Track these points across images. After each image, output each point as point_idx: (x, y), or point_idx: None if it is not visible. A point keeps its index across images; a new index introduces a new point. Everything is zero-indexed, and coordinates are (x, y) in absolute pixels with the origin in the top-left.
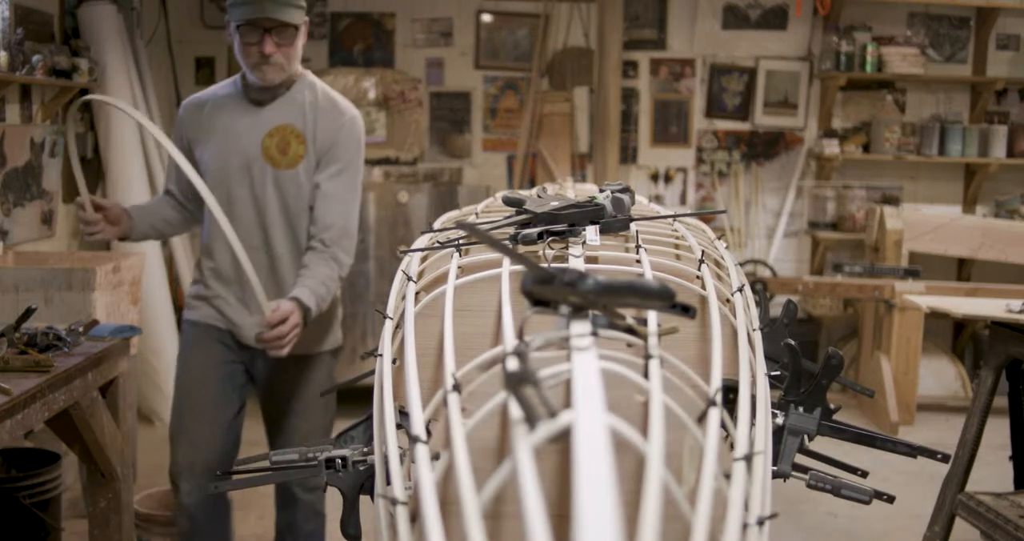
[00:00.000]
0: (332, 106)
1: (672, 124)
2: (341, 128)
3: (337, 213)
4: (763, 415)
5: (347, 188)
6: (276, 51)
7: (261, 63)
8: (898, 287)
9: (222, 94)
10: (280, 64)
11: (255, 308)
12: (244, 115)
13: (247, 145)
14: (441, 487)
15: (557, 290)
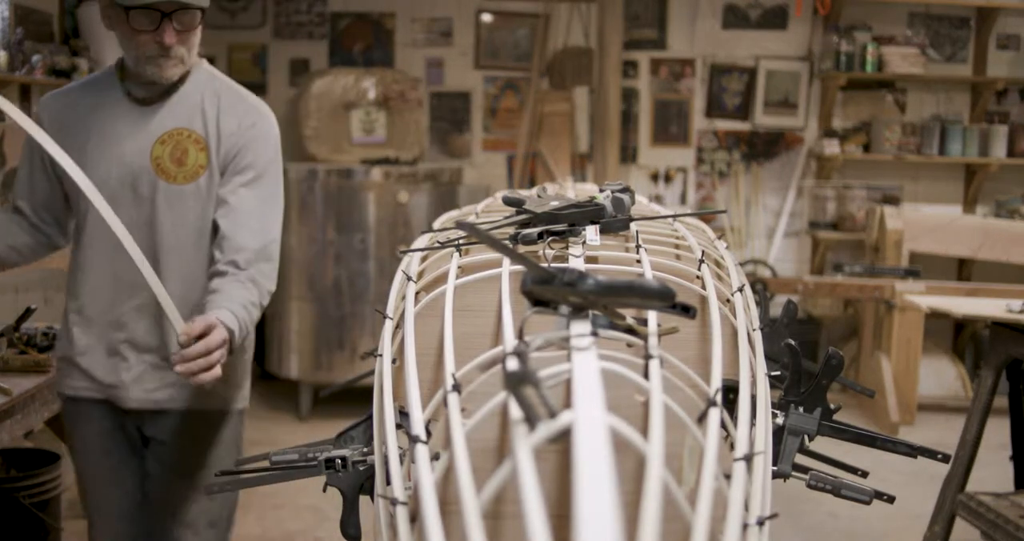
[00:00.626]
0: (238, 102)
1: (672, 124)
2: (251, 127)
3: (251, 231)
4: (763, 415)
5: (263, 200)
6: (176, 41)
7: (159, 56)
8: (898, 287)
9: (96, 91)
10: (181, 56)
11: (136, 358)
12: (127, 118)
13: (132, 155)
14: (441, 487)
15: (557, 290)
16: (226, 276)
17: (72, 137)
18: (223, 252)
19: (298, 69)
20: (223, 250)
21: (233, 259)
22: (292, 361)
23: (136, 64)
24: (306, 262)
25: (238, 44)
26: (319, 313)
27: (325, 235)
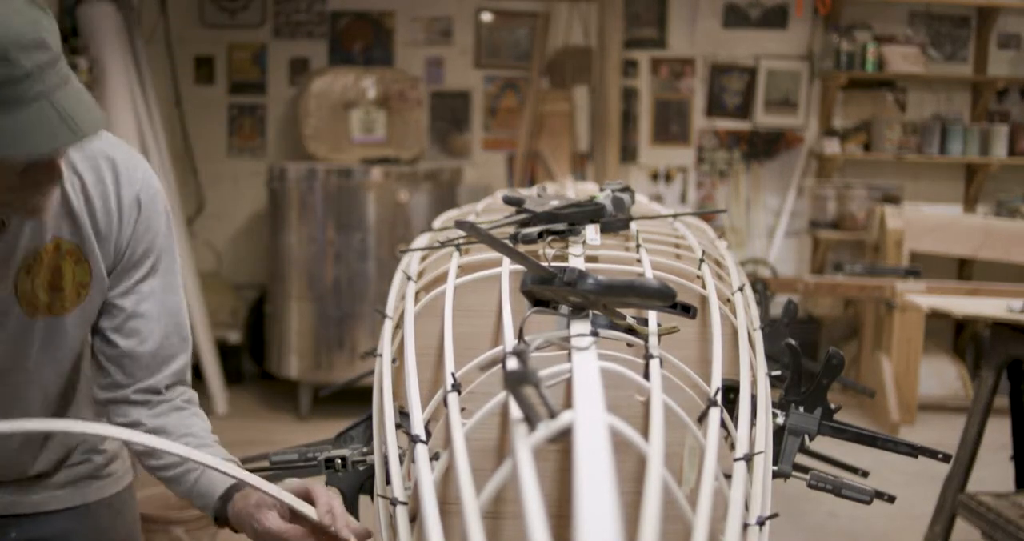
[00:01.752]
0: (115, 182)
1: (672, 123)
2: (135, 206)
3: (171, 337)
4: (764, 415)
5: (168, 289)
6: (55, 185)
7: (35, 210)
8: (899, 287)
9: None
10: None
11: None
12: None
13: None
14: (440, 487)
15: (557, 289)
16: (166, 405)
17: None
18: (141, 370)
19: (298, 68)
20: (139, 367)
21: (163, 384)
22: (291, 361)
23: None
24: (306, 262)
25: (237, 43)
26: (319, 313)
27: (325, 235)
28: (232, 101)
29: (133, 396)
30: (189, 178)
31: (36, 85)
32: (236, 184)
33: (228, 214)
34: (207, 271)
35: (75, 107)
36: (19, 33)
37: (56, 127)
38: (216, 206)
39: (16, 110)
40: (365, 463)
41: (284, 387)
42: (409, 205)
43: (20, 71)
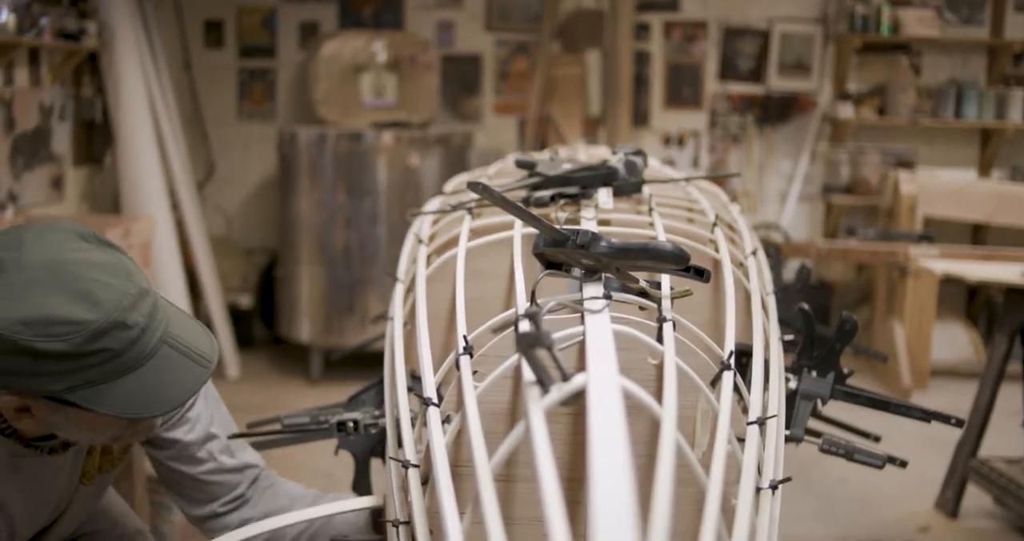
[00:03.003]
0: None
1: (685, 87)
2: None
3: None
4: (776, 379)
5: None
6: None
7: (144, 431)
8: (912, 252)
9: (9, 487)
10: None
11: None
12: (57, 468)
13: (67, 494)
14: (452, 450)
15: (570, 252)
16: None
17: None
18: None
19: (307, 32)
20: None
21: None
22: (302, 325)
23: (102, 444)
24: (316, 226)
25: (247, 7)
26: (329, 277)
27: (335, 199)
28: (242, 65)
29: (220, 509)
30: (199, 142)
31: (152, 334)
32: (246, 148)
33: (238, 178)
34: (218, 236)
35: (187, 335)
36: (119, 297)
37: (184, 368)
38: (226, 170)
39: (143, 368)
40: (377, 426)
41: (295, 351)
42: (420, 169)
43: (135, 332)
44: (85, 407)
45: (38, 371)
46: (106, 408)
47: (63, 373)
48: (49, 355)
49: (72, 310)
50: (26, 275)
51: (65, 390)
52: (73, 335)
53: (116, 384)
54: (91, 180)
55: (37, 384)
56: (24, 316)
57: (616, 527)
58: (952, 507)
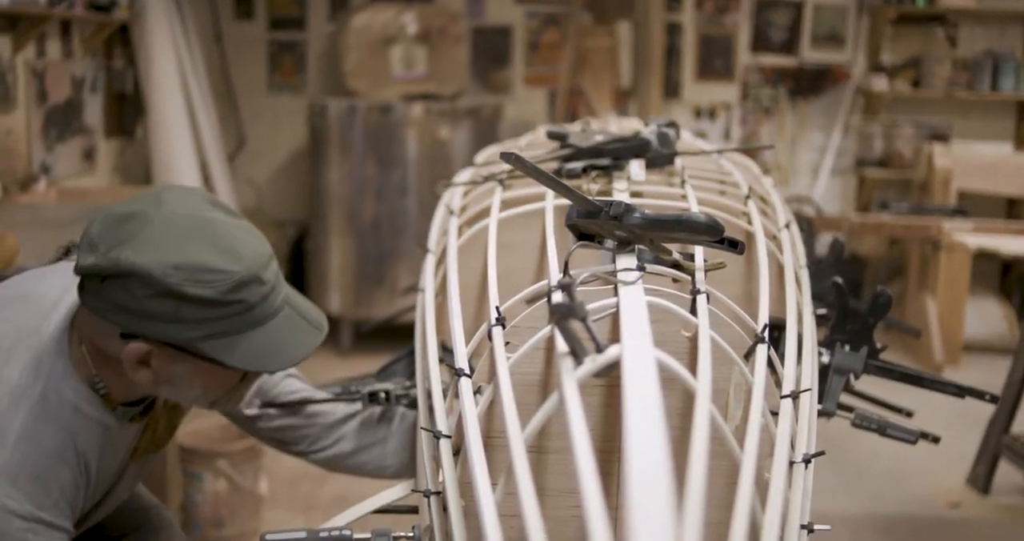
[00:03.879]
0: None
1: (717, 59)
2: None
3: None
4: (810, 353)
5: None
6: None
7: (237, 402)
8: (946, 226)
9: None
10: None
11: None
12: (125, 439)
13: (122, 466)
14: (484, 421)
15: (603, 224)
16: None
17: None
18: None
19: (337, 4)
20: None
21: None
22: (332, 297)
23: (202, 407)
24: (346, 198)
25: None
26: (359, 249)
27: (365, 171)
28: (272, 37)
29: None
30: (230, 115)
31: (277, 295)
32: (276, 120)
33: (269, 150)
34: (248, 207)
35: (303, 303)
36: (257, 253)
37: (303, 330)
38: (257, 143)
39: (269, 325)
40: (408, 397)
41: None
42: (450, 141)
43: (267, 288)
44: (213, 359)
45: (179, 317)
46: (235, 360)
47: (202, 321)
48: (194, 300)
49: (218, 260)
50: (173, 228)
51: (201, 338)
52: (218, 283)
53: (245, 337)
54: (122, 152)
55: (174, 331)
56: (175, 262)
57: (652, 498)
58: (984, 483)
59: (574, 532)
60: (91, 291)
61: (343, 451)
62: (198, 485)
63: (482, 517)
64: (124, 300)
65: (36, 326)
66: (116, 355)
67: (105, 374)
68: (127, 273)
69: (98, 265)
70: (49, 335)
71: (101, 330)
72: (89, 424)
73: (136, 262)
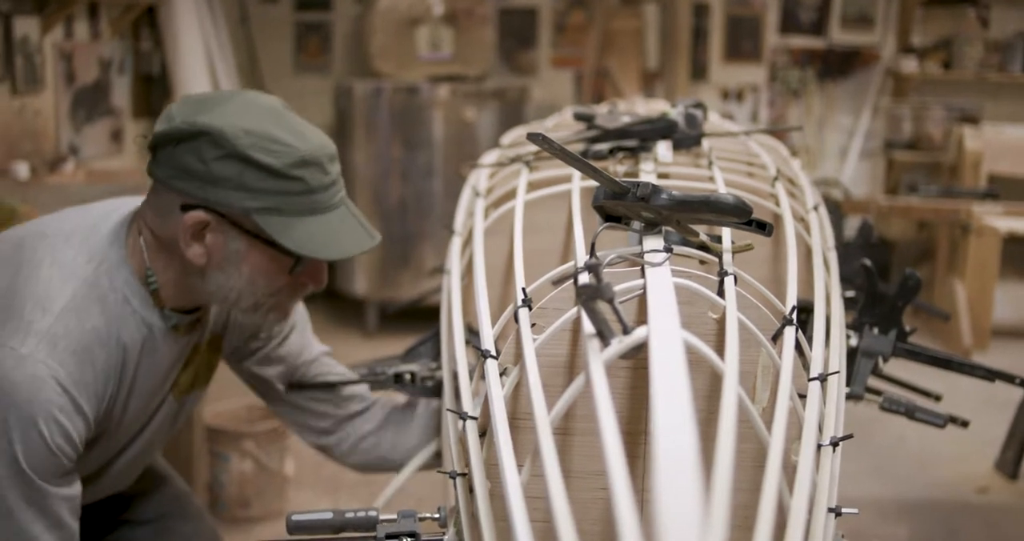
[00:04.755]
0: None
1: (744, 40)
2: None
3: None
4: (837, 335)
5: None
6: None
7: (290, 301)
8: (976, 209)
9: (131, 332)
10: None
11: None
12: (169, 354)
13: (159, 393)
14: (510, 402)
15: (630, 205)
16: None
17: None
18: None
19: None
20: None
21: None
22: (358, 278)
23: (246, 310)
24: (371, 180)
25: None
26: (384, 230)
27: (391, 152)
28: (298, 18)
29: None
30: None
31: (339, 192)
32: (302, 102)
33: None
34: None
35: (359, 212)
36: (323, 145)
37: (358, 231)
38: None
39: (327, 215)
40: (434, 379)
41: (351, 305)
42: (475, 123)
43: (329, 179)
44: (267, 239)
45: (242, 183)
46: (289, 241)
47: (263, 192)
48: (259, 167)
49: (287, 136)
50: (250, 106)
51: (258, 210)
52: (284, 154)
53: (301, 221)
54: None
55: (235, 198)
56: (247, 127)
57: (680, 479)
58: (1012, 468)
59: (600, 514)
60: (162, 160)
61: (364, 436)
62: (224, 465)
63: (508, 499)
64: (192, 164)
65: (93, 223)
66: (172, 238)
67: (158, 266)
68: (200, 133)
69: (174, 127)
70: (107, 228)
71: (162, 208)
72: (135, 319)
73: (210, 122)
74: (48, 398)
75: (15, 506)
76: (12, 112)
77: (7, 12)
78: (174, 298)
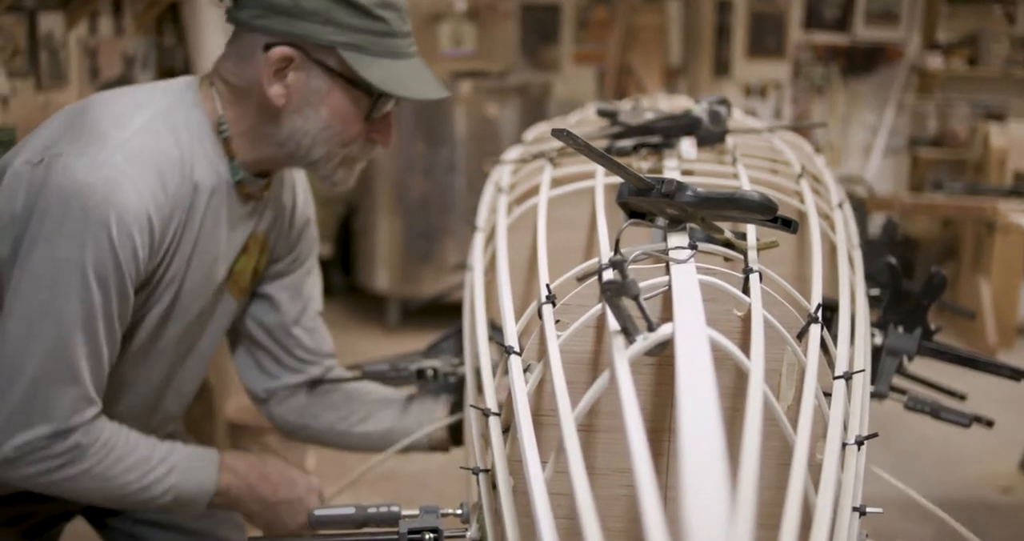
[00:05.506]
0: (294, 198)
1: (768, 36)
2: (307, 203)
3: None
4: (862, 334)
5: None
6: (375, 150)
7: (360, 157)
8: (1001, 207)
9: (203, 165)
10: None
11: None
12: (231, 216)
13: (219, 270)
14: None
15: (654, 201)
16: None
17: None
18: (313, 355)
19: None
20: (313, 353)
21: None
22: (380, 274)
23: (317, 161)
24: (394, 175)
25: None
26: (407, 226)
27: (413, 148)
28: None
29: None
30: None
31: (413, 44)
32: None
33: None
34: None
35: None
36: (404, 10)
37: (431, 81)
38: None
39: (406, 61)
40: (456, 375)
41: (372, 300)
42: (498, 119)
43: (407, 27)
44: (349, 77)
45: (329, 18)
46: (372, 77)
47: (348, 27)
48: (346, 3)
49: None
50: None
51: (343, 45)
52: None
53: (382, 63)
54: None
55: (321, 32)
56: None
57: (705, 477)
58: None
59: (623, 511)
60: (246, 2)
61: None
62: None
63: (532, 495)
64: (280, 0)
65: (166, 83)
66: (251, 84)
67: (231, 116)
68: None
69: None
70: (177, 82)
71: (243, 52)
72: (207, 162)
73: None
74: (122, 202)
75: (68, 315)
76: (37, 107)
77: (32, 8)
78: (244, 151)
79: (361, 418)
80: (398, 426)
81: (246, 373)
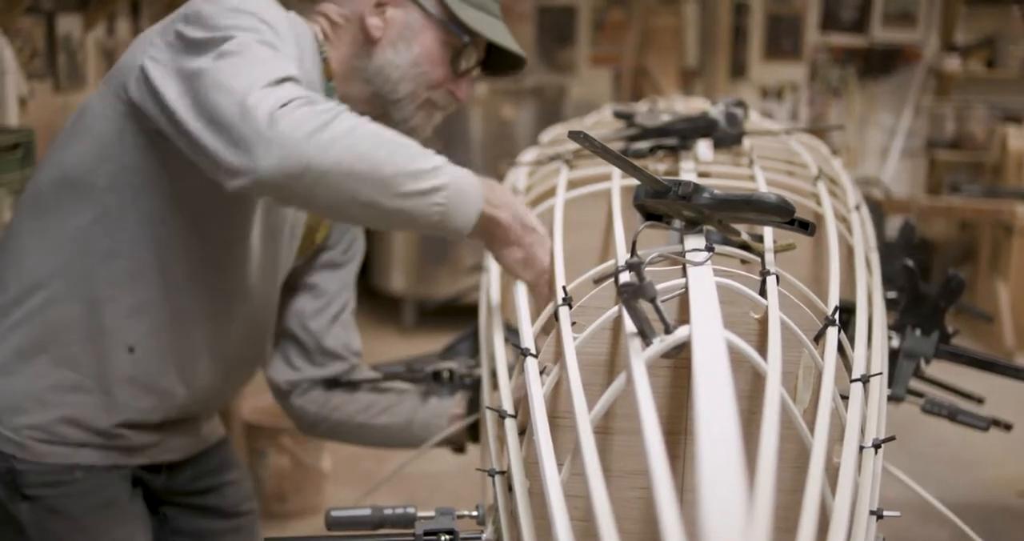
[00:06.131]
0: None
1: (785, 38)
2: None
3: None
4: (880, 336)
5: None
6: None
7: (440, 108)
8: (1019, 210)
9: (314, 83)
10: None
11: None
12: None
13: (285, 236)
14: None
15: (671, 203)
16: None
17: None
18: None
19: None
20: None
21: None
22: (395, 276)
23: (401, 100)
24: None
25: None
26: None
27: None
28: None
29: (307, 383)
30: None
31: (499, 8)
32: None
33: None
34: None
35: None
36: None
37: (514, 43)
38: None
39: (494, 18)
40: (472, 377)
41: (388, 301)
42: (514, 121)
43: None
44: (443, 18)
45: None
46: (466, 16)
47: None
48: None
49: None
50: None
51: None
52: None
53: (474, 9)
54: None
55: None
56: None
57: (722, 479)
58: None
59: (639, 513)
60: None
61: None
62: (262, 461)
63: (548, 497)
64: None
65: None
66: (352, 17)
67: (329, 44)
68: None
69: None
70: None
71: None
72: (315, 71)
73: None
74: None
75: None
76: (55, 109)
77: (50, 10)
78: (336, 78)
79: (381, 410)
80: (417, 419)
81: (272, 365)
